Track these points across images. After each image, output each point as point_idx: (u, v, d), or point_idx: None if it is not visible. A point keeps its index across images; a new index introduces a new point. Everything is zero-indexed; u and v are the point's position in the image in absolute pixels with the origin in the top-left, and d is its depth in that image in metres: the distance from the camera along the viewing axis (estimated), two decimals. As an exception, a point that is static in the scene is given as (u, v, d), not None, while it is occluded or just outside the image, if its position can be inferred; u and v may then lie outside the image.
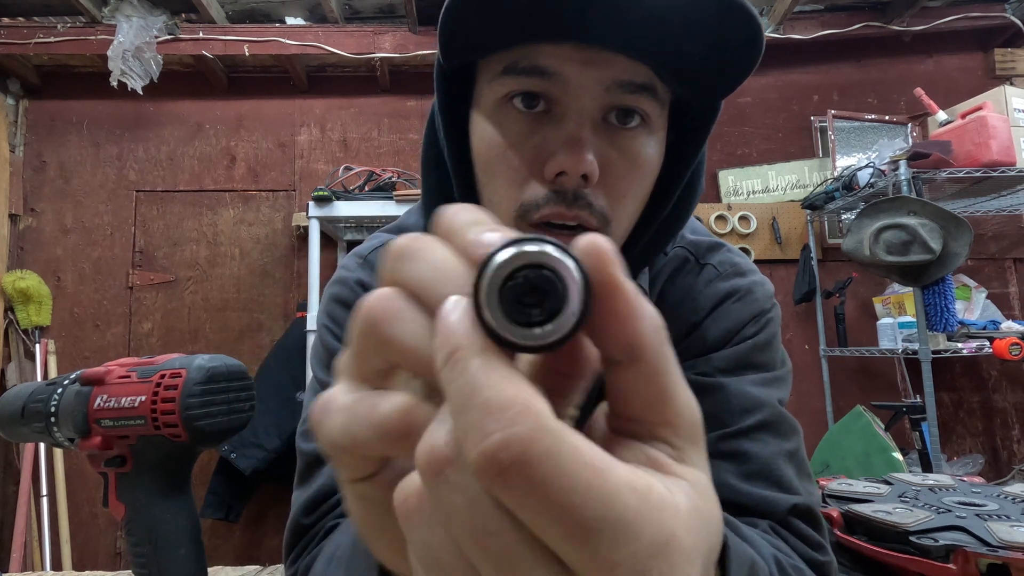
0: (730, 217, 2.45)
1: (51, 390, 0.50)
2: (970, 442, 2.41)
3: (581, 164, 0.40)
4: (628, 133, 0.43)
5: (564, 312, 0.16)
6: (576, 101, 0.41)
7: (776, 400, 0.50)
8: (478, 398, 0.15)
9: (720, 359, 0.51)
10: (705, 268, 0.55)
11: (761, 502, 0.44)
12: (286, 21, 2.41)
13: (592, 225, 0.43)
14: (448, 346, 0.16)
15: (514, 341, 0.16)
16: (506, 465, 0.14)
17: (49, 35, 2.27)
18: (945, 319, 1.85)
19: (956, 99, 2.24)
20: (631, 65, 0.42)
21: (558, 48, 0.41)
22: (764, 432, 0.47)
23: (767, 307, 0.54)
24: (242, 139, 2.55)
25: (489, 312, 0.16)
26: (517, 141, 0.43)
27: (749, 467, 0.46)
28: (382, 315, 0.18)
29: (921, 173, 1.97)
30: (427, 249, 0.18)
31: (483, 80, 0.45)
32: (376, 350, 0.18)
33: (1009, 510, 0.75)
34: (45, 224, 2.48)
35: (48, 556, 2.17)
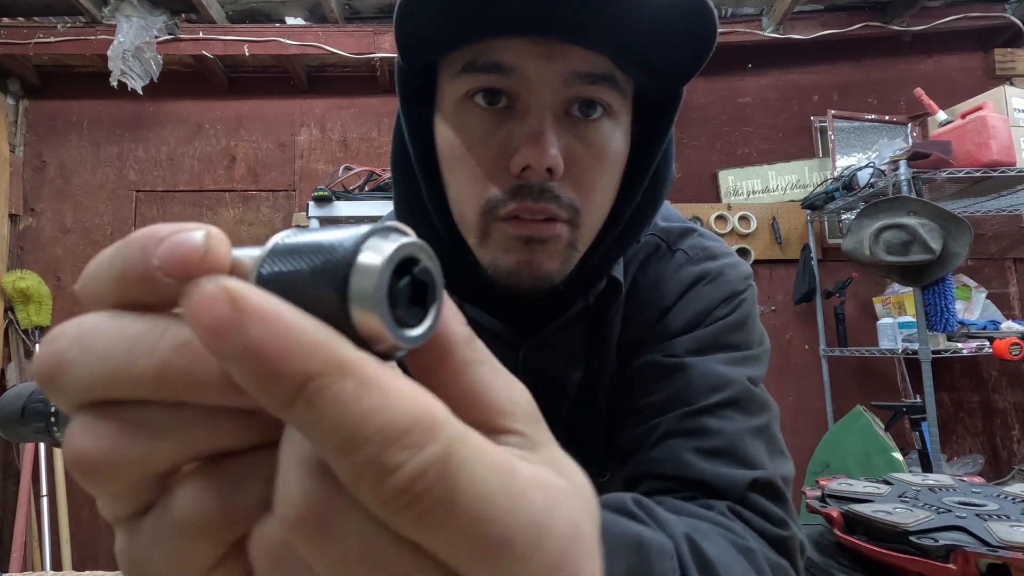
0: (730, 217, 2.45)
1: (51, 390, 0.50)
2: (970, 442, 2.41)
3: (545, 158, 0.40)
4: (591, 124, 0.43)
5: (436, 305, 0.15)
6: (537, 95, 0.41)
7: (746, 377, 0.48)
8: (368, 428, 0.12)
9: (688, 340, 0.50)
10: (676, 254, 0.55)
11: (720, 478, 0.43)
12: (286, 21, 2.41)
13: (562, 217, 0.43)
14: (291, 374, 0.12)
15: (386, 350, 0.14)
16: (421, 493, 0.12)
17: (49, 35, 2.26)
18: (945, 319, 1.85)
19: (956, 99, 2.24)
20: (589, 56, 0.42)
21: (515, 43, 0.41)
22: (730, 409, 0.46)
23: (740, 288, 0.53)
24: (242, 139, 2.55)
25: (370, 317, 0.13)
26: (481, 138, 0.43)
27: (711, 443, 0.45)
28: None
29: (921, 173, 1.97)
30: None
31: (444, 79, 0.45)
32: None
33: (1009, 510, 0.75)
34: (45, 224, 2.48)
35: (48, 556, 2.17)
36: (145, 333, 0.14)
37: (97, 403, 0.14)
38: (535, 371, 0.51)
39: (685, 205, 2.48)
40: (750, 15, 2.44)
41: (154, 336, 0.14)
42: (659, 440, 0.46)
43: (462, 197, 0.45)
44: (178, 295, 0.14)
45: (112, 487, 0.14)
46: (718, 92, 2.60)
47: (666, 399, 0.47)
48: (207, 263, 0.14)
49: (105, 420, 0.14)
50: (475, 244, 0.45)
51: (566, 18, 0.39)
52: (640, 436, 0.47)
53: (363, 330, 0.13)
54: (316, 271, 0.14)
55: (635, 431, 0.48)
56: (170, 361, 0.13)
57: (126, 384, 0.14)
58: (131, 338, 0.14)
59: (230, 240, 0.15)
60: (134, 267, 0.14)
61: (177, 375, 0.13)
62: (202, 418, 0.14)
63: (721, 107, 2.59)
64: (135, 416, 0.14)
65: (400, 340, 0.14)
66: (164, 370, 0.13)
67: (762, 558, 0.39)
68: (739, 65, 2.58)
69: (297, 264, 0.14)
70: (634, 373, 0.50)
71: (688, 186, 2.56)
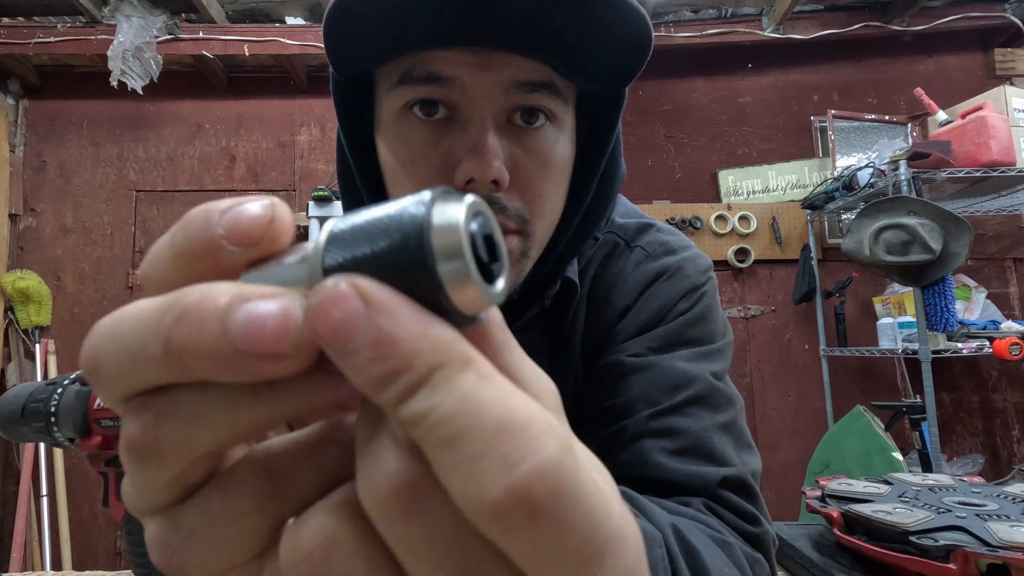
0: (730, 217, 2.45)
1: (51, 390, 0.50)
2: (970, 442, 2.41)
3: (488, 169, 0.40)
4: (535, 132, 0.43)
5: (504, 256, 0.14)
6: (476, 106, 0.41)
7: (709, 373, 0.48)
8: (487, 419, 0.12)
9: (651, 338, 0.50)
10: (634, 250, 0.55)
11: (690, 477, 0.43)
12: (286, 21, 2.41)
13: (511, 228, 0.42)
14: (419, 367, 0.12)
15: (473, 312, 0.13)
16: (540, 498, 0.11)
17: (49, 35, 2.27)
18: (945, 319, 1.85)
19: (956, 99, 2.24)
20: (527, 64, 0.41)
21: (451, 53, 0.40)
22: (695, 406, 0.46)
23: (700, 282, 0.53)
24: (242, 139, 2.55)
25: (459, 276, 0.13)
26: (423, 150, 0.42)
27: (680, 442, 0.44)
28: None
29: (921, 173, 1.97)
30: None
31: (381, 91, 0.44)
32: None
33: (1009, 510, 0.75)
34: (45, 224, 2.48)
35: (48, 556, 2.17)
36: (157, 311, 0.13)
37: (137, 394, 0.14)
38: None
39: (685, 205, 2.48)
40: (750, 15, 2.44)
41: (163, 313, 0.13)
42: (627, 443, 0.45)
43: None
44: (240, 267, 0.14)
45: (161, 474, 0.14)
46: (718, 92, 2.60)
47: (631, 400, 0.47)
48: (273, 230, 0.14)
49: (145, 409, 0.14)
50: None
51: (502, 27, 0.38)
52: (608, 439, 0.46)
53: (454, 291, 0.13)
54: (391, 245, 0.13)
55: (603, 433, 0.47)
56: (171, 337, 0.13)
57: (148, 368, 0.13)
58: (145, 320, 0.13)
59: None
60: (197, 239, 0.14)
61: (179, 351, 0.13)
62: (225, 398, 0.13)
63: (721, 107, 2.59)
64: (168, 402, 0.14)
65: (490, 296, 0.13)
66: (168, 347, 0.13)
67: (740, 552, 0.40)
68: (739, 65, 2.58)
69: (365, 245, 0.13)
70: (598, 374, 0.50)
71: (688, 186, 2.56)
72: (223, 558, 0.15)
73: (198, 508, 0.15)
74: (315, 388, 0.14)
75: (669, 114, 2.58)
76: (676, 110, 2.59)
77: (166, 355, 0.13)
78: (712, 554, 0.37)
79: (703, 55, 2.53)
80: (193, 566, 0.15)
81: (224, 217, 0.14)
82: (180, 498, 0.15)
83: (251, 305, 0.13)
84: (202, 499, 0.15)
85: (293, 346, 0.13)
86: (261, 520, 0.15)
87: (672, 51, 2.45)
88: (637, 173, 2.55)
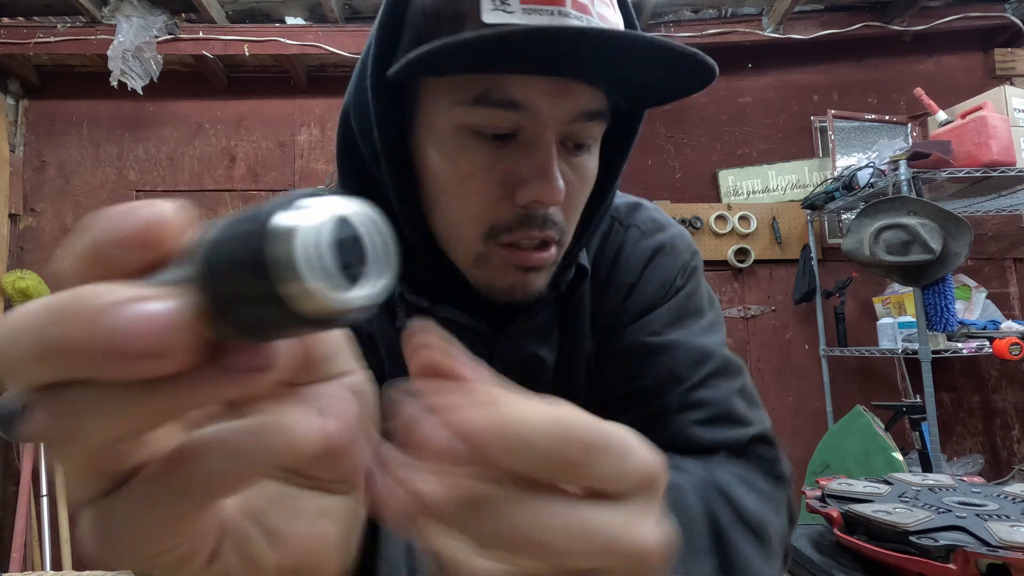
0: (730, 217, 2.45)
1: (51, 390, 0.50)
2: (970, 442, 2.41)
3: (557, 195, 0.42)
4: (581, 156, 0.46)
5: (378, 260, 0.15)
6: (546, 131, 0.42)
7: (720, 344, 0.53)
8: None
9: (663, 316, 0.54)
10: (630, 229, 0.58)
11: (724, 443, 0.48)
12: (286, 21, 2.41)
13: (554, 240, 0.45)
14: None
15: (334, 315, 0.14)
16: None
17: (49, 35, 2.26)
18: (945, 319, 1.85)
19: (956, 99, 2.24)
20: (591, 92, 0.43)
21: (529, 79, 0.41)
22: (716, 378, 0.51)
23: (689, 258, 0.58)
24: (242, 139, 2.55)
25: (310, 292, 0.13)
26: (485, 166, 0.43)
27: (708, 413, 0.49)
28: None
29: (921, 173, 1.97)
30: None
31: (436, 100, 0.44)
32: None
33: (1009, 510, 0.75)
34: (45, 224, 2.48)
35: (48, 556, 2.17)
36: (36, 311, 0.14)
37: (35, 388, 0.14)
38: (509, 359, 0.54)
39: (685, 205, 2.48)
40: (750, 15, 2.44)
41: (40, 313, 0.13)
42: (663, 421, 0.49)
43: (461, 220, 0.45)
44: (142, 268, 0.14)
45: (76, 464, 0.15)
46: (718, 92, 2.60)
47: (659, 379, 0.51)
48: (155, 233, 0.14)
49: (42, 402, 0.14)
50: (469, 266, 0.47)
51: (576, 57, 0.40)
52: (644, 419, 0.50)
53: (296, 299, 0.13)
54: (243, 244, 0.13)
55: (636, 413, 0.51)
56: (43, 336, 0.13)
57: (33, 366, 0.14)
58: (26, 319, 0.14)
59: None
60: (88, 241, 0.14)
61: (50, 350, 0.13)
62: (110, 395, 0.14)
63: (721, 107, 2.59)
64: (60, 397, 0.14)
65: (342, 301, 0.14)
66: (40, 346, 0.13)
67: (771, 495, 0.46)
68: (739, 65, 2.58)
69: (226, 249, 0.14)
70: (620, 355, 0.53)
71: (688, 186, 2.56)
72: (151, 545, 0.16)
73: (124, 498, 0.15)
74: (201, 381, 0.14)
75: (669, 114, 2.58)
76: (676, 110, 2.59)
77: (39, 353, 0.13)
78: (743, 493, 0.43)
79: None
80: (123, 556, 0.16)
81: (111, 221, 0.14)
82: (109, 488, 0.16)
83: (124, 308, 0.13)
84: (134, 485, 0.16)
85: (167, 346, 0.13)
86: (187, 507, 0.15)
87: (672, 51, 2.45)
88: (637, 173, 2.55)
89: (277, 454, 0.15)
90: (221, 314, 0.14)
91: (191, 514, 0.16)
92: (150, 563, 0.16)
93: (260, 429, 0.16)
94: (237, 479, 0.16)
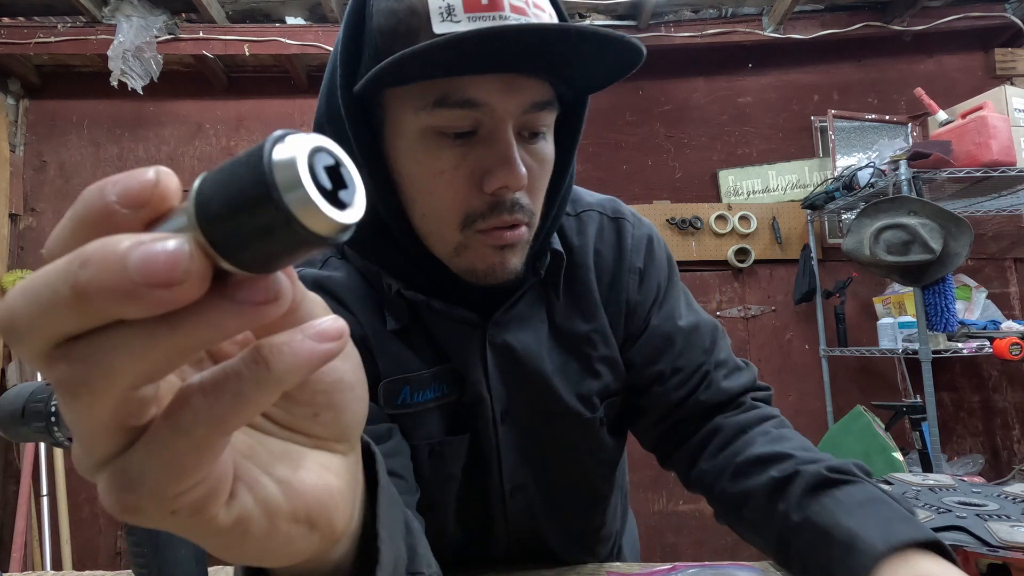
0: (730, 217, 2.45)
1: (51, 390, 0.50)
2: (970, 442, 2.41)
3: (520, 179, 0.47)
4: (537, 143, 0.51)
5: (356, 181, 0.16)
6: (502, 124, 0.47)
7: (702, 310, 0.68)
8: None
9: (677, 301, 0.67)
10: (619, 222, 0.66)
11: (743, 388, 0.64)
12: (286, 21, 2.41)
13: (523, 222, 0.50)
14: None
15: (330, 234, 0.16)
16: None
17: (49, 35, 2.26)
18: (945, 319, 1.85)
19: (956, 99, 2.24)
20: (538, 84, 0.48)
21: (481, 79, 0.46)
22: (721, 340, 0.66)
23: (663, 243, 0.70)
24: (242, 139, 2.55)
25: (306, 204, 0.15)
26: (453, 162, 0.48)
27: (726, 369, 0.65)
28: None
29: (921, 173, 1.97)
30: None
31: (401, 109, 0.48)
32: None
33: (1009, 510, 0.75)
34: (45, 224, 2.48)
35: (48, 556, 2.17)
36: (63, 263, 0.15)
37: (57, 343, 0.16)
38: (502, 344, 0.58)
39: (685, 205, 2.48)
40: (750, 15, 2.44)
41: (69, 263, 0.15)
42: (705, 384, 0.63)
43: (438, 216, 0.50)
44: (137, 227, 0.16)
45: (98, 414, 0.16)
46: (718, 92, 2.60)
47: (694, 353, 0.64)
48: (159, 191, 0.16)
49: (69, 352, 0.16)
50: (450, 255, 0.52)
51: (521, 54, 0.44)
52: (692, 385, 0.63)
53: (303, 216, 0.15)
54: (242, 186, 0.15)
55: (688, 383, 0.63)
56: (78, 279, 0.14)
57: (62, 315, 0.15)
58: (53, 272, 0.15)
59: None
60: (93, 207, 0.16)
61: (85, 290, 0.14)
62: (139, 332, 0.15)
63: (721, 107, 2.59)
64: (88, 343, 0.15)
65: (338, 218, 0.15)
66: (76, 288, 0.14)
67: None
68: (739, 65, 2.58)
69: (224, 190, 0.15)
70: (661, 338, 0.64)
71: (688, 186, 2.56)
72: (172, 487, 0.17)
73: (144, 445, 0.17)
74: (215, 314, 0.16)
75: (669, 114, 2.58)
76: (676, 110, 2.59)
77: (75, 296, 0.14)
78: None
79: (703, 55, 2.53)
80: (144, 505, 0.17)
81: (116, 186, 0.16)
82: (125, 444, 0.17)
83: (145, 245, 0.14)
84: (148, 435, 0.17)
85: (183, 273, 0.15)
86: (201, 440, 0.17)
87: (672, 51, 2.45)
88: (637, 173, 2.55)
89: (282, 373, 0.17)
90: (227, 249, 0.15)
91: (206, 448, 0.17)
92: (171, 505, 0.18)
93: (261, 350, 0.17)
94: (245, 402, 0.17)
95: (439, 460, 0.59)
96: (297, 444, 0.23)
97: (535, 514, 0.65)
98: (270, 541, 0.21)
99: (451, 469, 0.60)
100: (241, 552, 0.21)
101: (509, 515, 0.64)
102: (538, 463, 0.63)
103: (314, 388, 0.23)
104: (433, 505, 0.59)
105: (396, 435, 0.55)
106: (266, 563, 0.23)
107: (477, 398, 0.58)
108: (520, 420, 0.61)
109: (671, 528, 2.36)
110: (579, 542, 0.69)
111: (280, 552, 0.22)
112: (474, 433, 0.60)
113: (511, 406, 0.60)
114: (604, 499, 0.70)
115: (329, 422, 0.23)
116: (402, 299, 0.56)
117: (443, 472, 0.59)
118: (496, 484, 0.62)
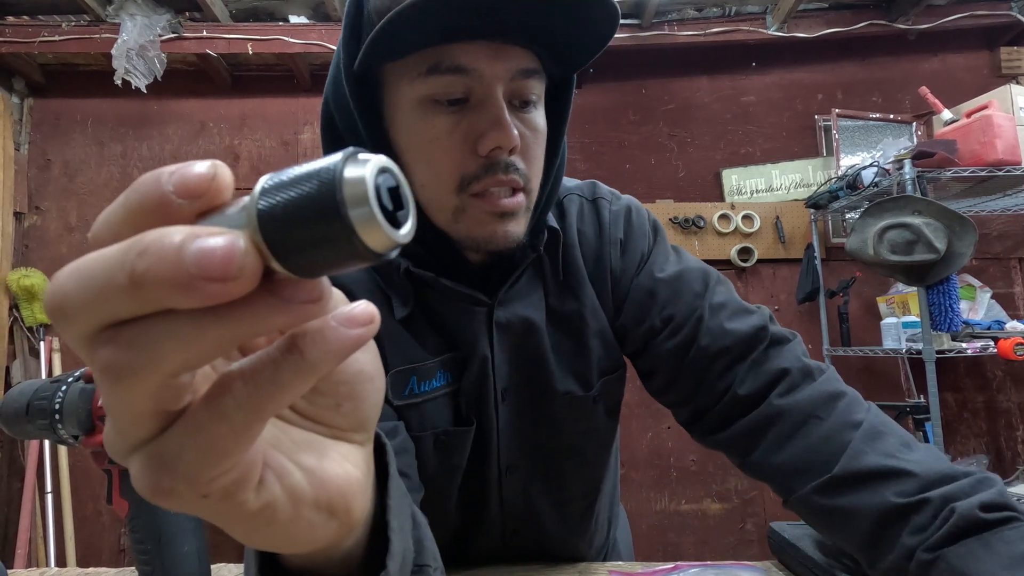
0: (733, 216, 2.45)
1: (55, 387, 0.50)
2: (974, 442, 2.40)
3: (511, 138, 0.49)
4: (529, 113, 0.53)
5: (411, 204, 0.17)
6: (492, 89, 0.49)
7: (692, 258, 0.67)
8: None
9: (660, 256, 0.66)
10: (597, 202, 0.67)
11: (753, 328, 0.60)
12: (289, 20, 2.41)
13: (520, 186, 0.52)
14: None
15: (382, 250, 0.16)
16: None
17: (54, 34, 2.27)
18: (949, 319, 1.85)
19: (961, 98, 2.23)
20: (524, 53, 0.50)
21: (470, 46, 0.48)
22: (719, 285, 0.64)
23: (647, 213, 0.70)
24: (245, 137, 2.56)
25: (368, 221, 0.16)
26: (447, 128, 0.50)
27: (732, 311, 0.62)
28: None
29: (926, 172, 1.96)
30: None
31: (398, 81, 0.51)
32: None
33: (1013, 511, 0.75)
34: (50, 222, 2.49)
35: (52, 553, 2.18)
36: (120, 250, 0.15)
37: (105, 327, 0.16)
38: (507, 321, 0.60)
39: (688, 204, 2.47)
40: (754, 13, 2.43)
41: (127, 251, 0.15)
42: (702, 329, 0.60)
43: (436, 182, 0.51)
44: (190, 219, 0.16)
45: (138, 397, 0.16)
46: (722, 91, 2.59)
47: (685, 301, 0.62)
48: (216, 184, 0.16)
49: (117, 336, 0.16)
50: (449, 221, 0.53)
51: (508, 23, 0.47)
52: (687, 336, 0.61)
53: (363, 232, 0.15)
54: (309, 195, 0.15)
55: (682, 334, 0.61)
56: (136, 267, 0.15)
57: (115, 299, 0.15)
58: (109, 258, 0.15)
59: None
60: (149, 195, 0.16)
61: (142, 279, 0.15)
62: (188, 321, 0.16)
63: (725, 106, 2.59)
64: (137, 328, 0.16)
65: (395, 237, 0.16)
66: (133, 276, 0.15)
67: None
68: (743, 64, 2.58)
69: (290, 195, 0.16)
70: (645, 294, 0.64)
71: (691, 185, 2.56)
72: (206, 471, 0.17)
73: (182, 429, 0.17)
74: (262, 310, 0.16)
75: (673, 113, 2.58)
76: (680, 109, 2.58)
77: (132, 284, 0.15)
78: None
79: (707, 54, 2.52)
80: (177, 487, 0.18)
81: (173, 176, 0.16)
82: (160, 428, 0.18)
83: (202, 239, 0.15)
84: (186, 419, 0.18)
85: (238, 269, 0.15)
86: (250, 418, 0.17)
87: (676, 50, 2.45)
88: (640, 172, 2.55)
89: (316, 360, 0.18)
90: (283, 253, 0.16)
91: (243, 433, 0.18)
92: (205, 489, 0.18)
93: (295, 339, 0.18)
94: (283, 390, 0.18)
95: (444, 451, 0.59)
96: (319, 435, 0.24)
97: (529, 496, 0.65)
98: (293, 527, 0.21)
99: (456, 460, 0.60)
100: (264, 537, 0.21)
101: (504, 496, 0.64)
102: (532, 442, 0.63)
103: (337, 379, 0.23)
104: (436, 496, 0.59)
105: (401, 432, 0.56)
106: (286, 549, 0.23)
107: (482, 377, 0.59)
108: (518, 399, 0.62)
109: (673, 528, 2.36)
110: (573, 526, 0.70)
111: (301, 538, 0.22)
112: (478, 420, 0.60)
113: (510, 384, 0.61)
114: (597, 480, 0.70)
115: (350, 412, 0.24)
116: (409, 280, 0.56)
117: (448, 463, 0.60)
118: (493, 465, 0.63)
